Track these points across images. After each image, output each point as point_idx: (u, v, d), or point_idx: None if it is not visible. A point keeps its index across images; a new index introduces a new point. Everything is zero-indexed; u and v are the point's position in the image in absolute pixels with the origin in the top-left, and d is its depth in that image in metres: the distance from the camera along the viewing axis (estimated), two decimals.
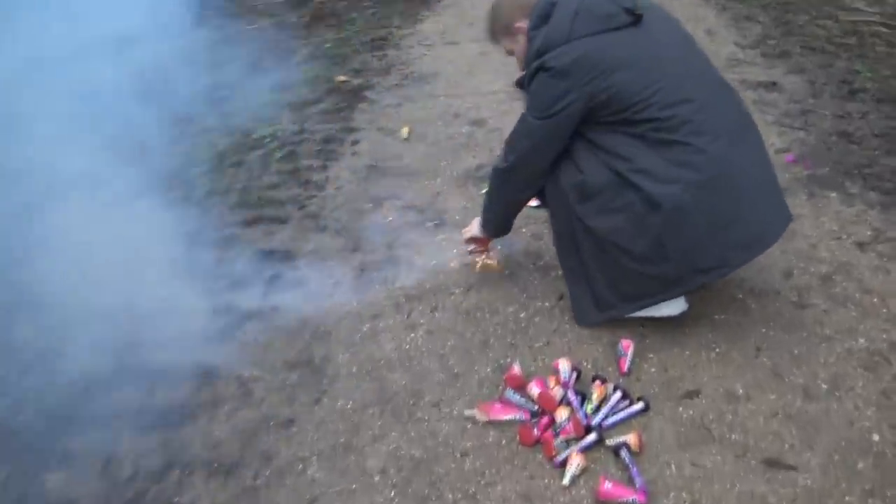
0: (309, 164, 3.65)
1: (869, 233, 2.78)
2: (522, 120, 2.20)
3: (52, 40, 4.15)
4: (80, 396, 2.31)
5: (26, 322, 2.53)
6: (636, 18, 2.06)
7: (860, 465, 1.87)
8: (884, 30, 4.83)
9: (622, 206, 2.07)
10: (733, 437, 1.98)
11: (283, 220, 3.19)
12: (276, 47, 5.51)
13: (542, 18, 2.14)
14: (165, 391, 2.33)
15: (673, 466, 1.91)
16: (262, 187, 3.47)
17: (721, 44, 4.85)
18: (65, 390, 2.32)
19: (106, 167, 3.71)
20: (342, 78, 4.76)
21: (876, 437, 1.94)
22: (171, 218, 3.23)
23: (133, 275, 2.75)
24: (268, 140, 3.93)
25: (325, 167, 3.61)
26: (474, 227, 2.61)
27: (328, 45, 5.49)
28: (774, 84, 4.14)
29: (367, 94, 4.48)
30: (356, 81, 4.71)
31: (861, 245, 2.71)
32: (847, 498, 1.80)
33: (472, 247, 2.72)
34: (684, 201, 1.97)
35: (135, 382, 2.36)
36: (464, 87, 4.48)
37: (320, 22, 6.22)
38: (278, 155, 3.75)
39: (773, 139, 3.48)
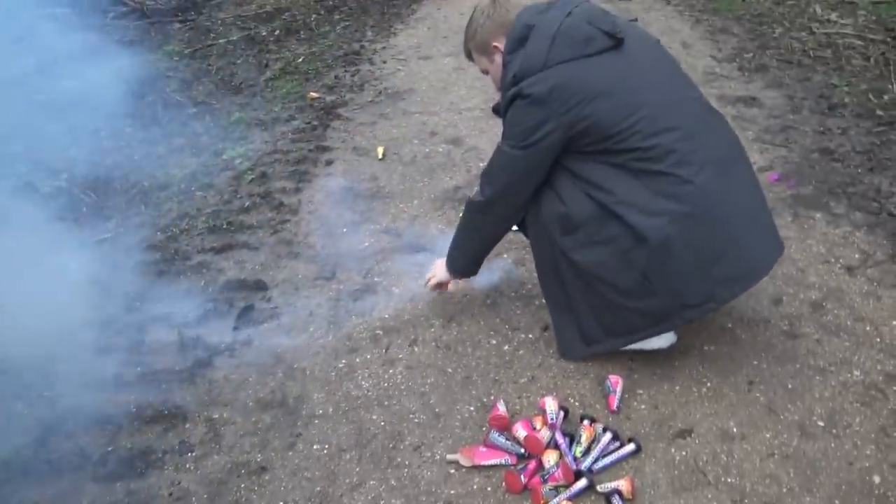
0: (282, 186, 3.52)
1: (857, 256, 2.71)
2: (499, 151, 2.09)
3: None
4: (36, 445, 2.16)
5: None
6: (617, 42, 1.97)
7: None
8: (858, 42, 4.80)
9: (606, 238, 1.97)
10: (729, 480, 1.88)
11: (254, 247, 3.05)
12: (246, 62, 5.38)
13: (519, 41, 2.03)
14: (129, 436, 2.19)
15: None
16: (232, 211, 3.33)
17: (697, 57, 4.79)
18: (20, 438, 2.17)
19: (63, 189, 3.57)
20: (315, 94, 4.63)
21: (877, 479, 1.86)
22: (135, 244, 3.10)
23: (91, 307, 2.61)
24: (238, 161, 3.78)
25: (298, 189, 3.48)
26: (439, 271, 2.50)
27: (300, 59, 5.35)
28: (754, 99, 4.08)
29: (341, 111, 4.36)
30: (329, 98, 4.58)
31: (850, 269, 2.64)
32: None
33: (436, 292, 2.65)
34: (670, 235, 1.88)
35: (96, 427, 2.22)
36: (439, 103, 4.37)
37: (292, 36, 6.09)
38: (249, 177, 3.61)
39: (755, 157, 3.41)
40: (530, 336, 2.44)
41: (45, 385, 2.36)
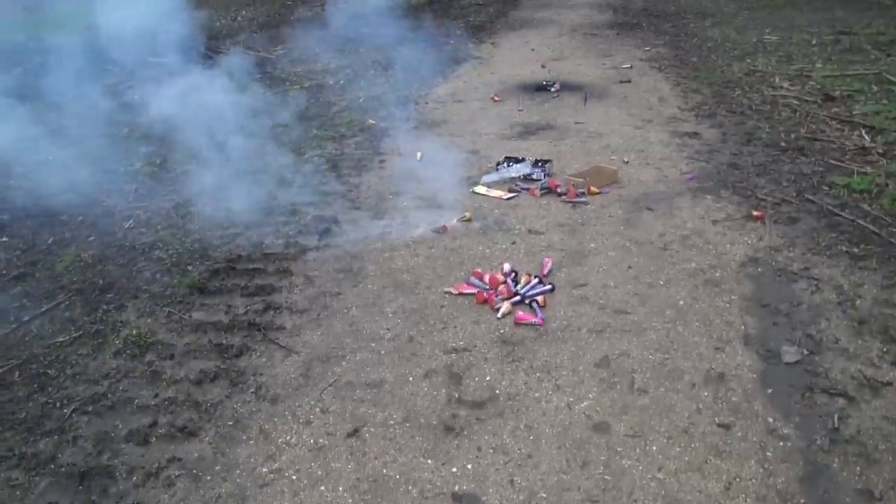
0: (347, 172, 5.34)
1: (722, 216, 4.40)
2: None
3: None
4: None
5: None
6: None
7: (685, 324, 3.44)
8: (795, 102, 6.56)
9: None
10: (601, 301, 3.55)
11: (329, 203, 4.84)
12: (317, 102, 7.32)
13: None
14: (259, 280, 3.94)
15: (561, 312, 3.49)
16: (314, 184, 5.15)
17: (667, 107, 6.60)
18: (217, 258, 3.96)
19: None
20: (372, 121, 6.51)
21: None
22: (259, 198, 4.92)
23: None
24: (316, 157, 5.63)
25: (359, 174, 5.29)
26: None
27: (361, 99, 7.29)
28: (697, 134, 5.85)
29: (391, 132, 6.23)
30: (383, 125, 6.46)
31: (714, 222, 4.33)
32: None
33: None
34: None
35: (240, 275, 3.99)
36: (465, 130, 6.20)
37: (353, 84, 8.06)
38: (325, 167, 5.45)
39: (682, 166, 5.15)
40: (503, 247, 4.16)
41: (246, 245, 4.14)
